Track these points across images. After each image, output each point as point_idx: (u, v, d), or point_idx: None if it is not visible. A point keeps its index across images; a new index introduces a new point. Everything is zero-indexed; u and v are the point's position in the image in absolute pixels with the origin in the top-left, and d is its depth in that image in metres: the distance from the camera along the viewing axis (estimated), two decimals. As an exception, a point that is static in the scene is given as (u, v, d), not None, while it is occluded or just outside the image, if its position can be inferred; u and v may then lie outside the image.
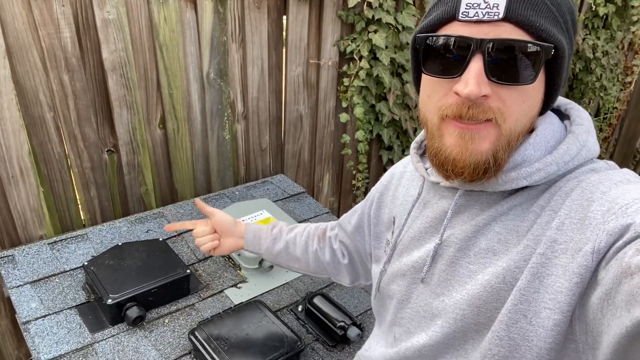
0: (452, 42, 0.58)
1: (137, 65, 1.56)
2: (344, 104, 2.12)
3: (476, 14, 0.56)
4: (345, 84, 2.07)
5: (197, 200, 1.20)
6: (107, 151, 1.63)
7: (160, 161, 1.76)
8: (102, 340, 1.20)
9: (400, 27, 2.02)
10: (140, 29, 1.52)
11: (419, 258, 0.73)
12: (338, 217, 2.37)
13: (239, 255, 1.50)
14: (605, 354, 0.47)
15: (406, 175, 0.86)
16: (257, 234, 1.15)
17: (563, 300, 0.54)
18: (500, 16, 0.55)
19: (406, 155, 2.43)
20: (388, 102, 2.18)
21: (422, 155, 0.79)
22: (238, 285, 1.44)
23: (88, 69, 1.47)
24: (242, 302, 1.37)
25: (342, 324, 1.28)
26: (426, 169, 0.75)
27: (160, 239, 1.49)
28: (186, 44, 1.64)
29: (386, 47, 2.01)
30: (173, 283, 1.33)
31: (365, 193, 2.48)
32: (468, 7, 0.56)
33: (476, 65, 0.56)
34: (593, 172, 0.60)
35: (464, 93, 0.56)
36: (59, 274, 1.38)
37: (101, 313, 1.27)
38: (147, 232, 1.60)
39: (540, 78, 0.59)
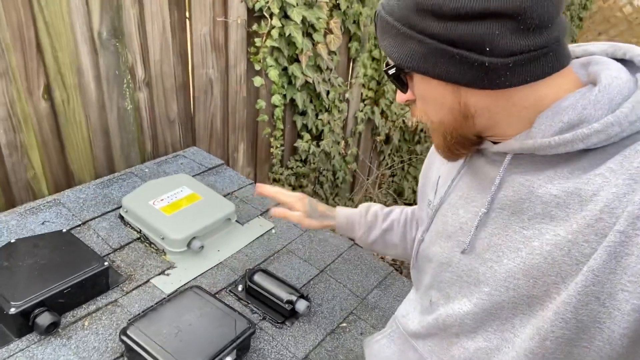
0: None
1: (9, 22, 1.27)
2: (257, 67, 1.98)
3: None
4: (256, 44, 1.93)
5: (259, 186, 1.08)
6: (-21, 130, 1.33)
7: (49, 139, 1.48)
8: (9, 357, 0.99)
9: (310, -17, 1.91)
10: (8, -23, 1.23)
11: (466, 219, 0.68)
12: (255, 188, 2.25)
13: (162, 238, 1.33)
14: None
15: None
16: (350, 219, 1.06)
17: None
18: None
19: (320, 119, 2.37)
20: (301, 64, 2.08)
21: None
22: (166, 272, 1.28)
23: (-58, 26, 1.16)
24: (175, 291, 1.22)
25: (289, 297, 1.21)
26: None
27: (64, 230, 1.27)
28: (70, -4, 1.37)
29: (297, 4, 1.90)
30: (89, 279, 1.14)
31: (282, 161, 2.39)
32: None
33: None
34: None
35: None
36: None
37: (2, 325, 1.04)
38: (42, 224, 1.35)
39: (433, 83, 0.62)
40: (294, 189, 2.47)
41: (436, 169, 0.82)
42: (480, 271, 0.65)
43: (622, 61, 0.61)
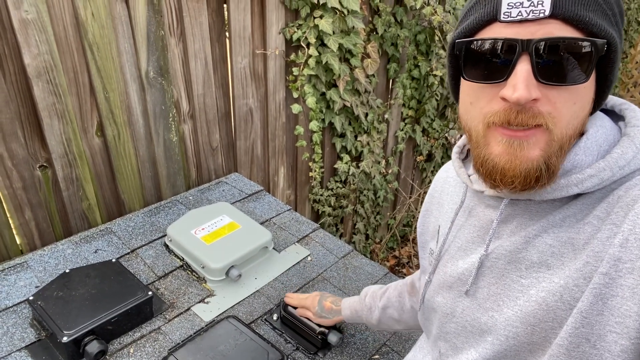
0: (497, 46, 0.54)
1: (65, 69, 1.39)
2: (295, 95, 2.04)
3: (520, 13, 0.53)
4: (294, 73, 1.98)
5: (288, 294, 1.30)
6: (40, 167, 1.45)
7: (102, 172, 1.60)
8: (61, 384, 1.08)
9: (346, 11, 1.95)
10: (65, 28, 1.35)
11: (464, 270, 0.69)
12: (296, 210, 2.30)
13: (202, 267, 1.40)
14: None
15: (449, 181, 0.81)
16: (353, 307, 1.15)
17: (632, 325, 0.49)
18: (547, 13, 0.52)
19: (359, 141, 2.40)
20: (338, 88, 2.12)
21: (464, 160, 0.75)
22: (206, 300, 1.35)
23: (8, 78, 1.29)
24: (213, 320, 1.28)
25: (322, 329, 1.23)
26: (469, 176, 0.70)
27: (113, 260, 1.36)
28: (119, 41, 1.48)
29: (333, 32, 1.94)
30: (134, 308, 1.22)
31: (322, 182, 2.43)
32: (510, 7, 0.53)
33: (524, 68, 0.53)
34: None
35: (513, 98, 0.52)
36: (0, 311, 1.22)
37: (56, 351, 1.14)
38: (95, 252, 1.46)
39: (592, 76, 0.55)
40: (334, 209, 2.50)
41: (434, 218, 0.82)
42: (482, 321, 0.66)
43: (604, 111, 0.64)
